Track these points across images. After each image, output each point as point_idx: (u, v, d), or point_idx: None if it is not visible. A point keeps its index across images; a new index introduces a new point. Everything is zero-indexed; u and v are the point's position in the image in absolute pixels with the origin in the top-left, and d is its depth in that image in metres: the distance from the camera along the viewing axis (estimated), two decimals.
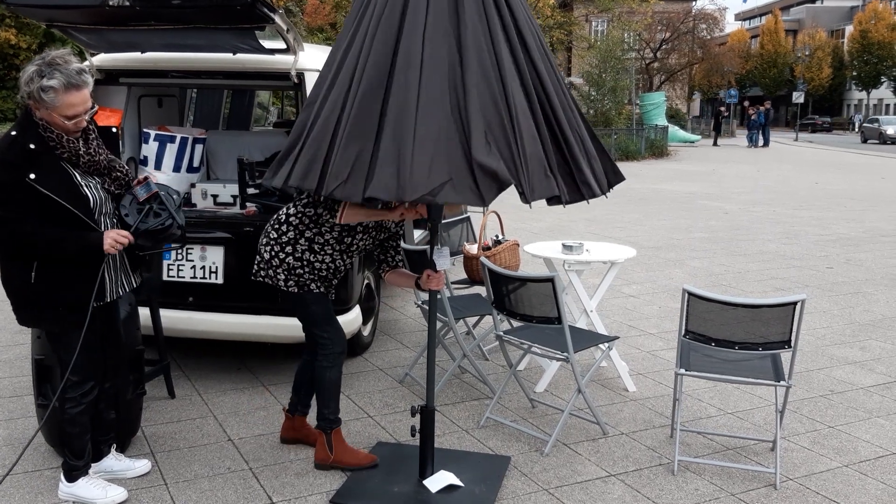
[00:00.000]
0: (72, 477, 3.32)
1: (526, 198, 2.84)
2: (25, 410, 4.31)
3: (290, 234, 3.51)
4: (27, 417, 4.22)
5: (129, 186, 3.24)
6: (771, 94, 57.25)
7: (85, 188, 3.07)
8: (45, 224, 2.96)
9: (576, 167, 3.03)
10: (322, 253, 3.53)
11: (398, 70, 2.87)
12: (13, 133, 2.97)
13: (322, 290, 3.59)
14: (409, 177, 2.72)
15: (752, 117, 35.30)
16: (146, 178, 3.25)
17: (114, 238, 3.06)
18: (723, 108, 38.99)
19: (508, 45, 2.99)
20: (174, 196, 3.30)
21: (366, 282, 5.19)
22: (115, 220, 3.22)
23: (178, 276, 4.59)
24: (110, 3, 4.01)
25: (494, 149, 2.83)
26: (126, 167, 3.31)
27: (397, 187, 2.73)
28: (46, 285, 3.04)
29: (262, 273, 3.57)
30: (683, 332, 3.69)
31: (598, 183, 3.11)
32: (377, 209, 3.36)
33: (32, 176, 2.91)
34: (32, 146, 2.95)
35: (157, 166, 4.86)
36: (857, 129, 51.66)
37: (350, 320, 4.71)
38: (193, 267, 4.57)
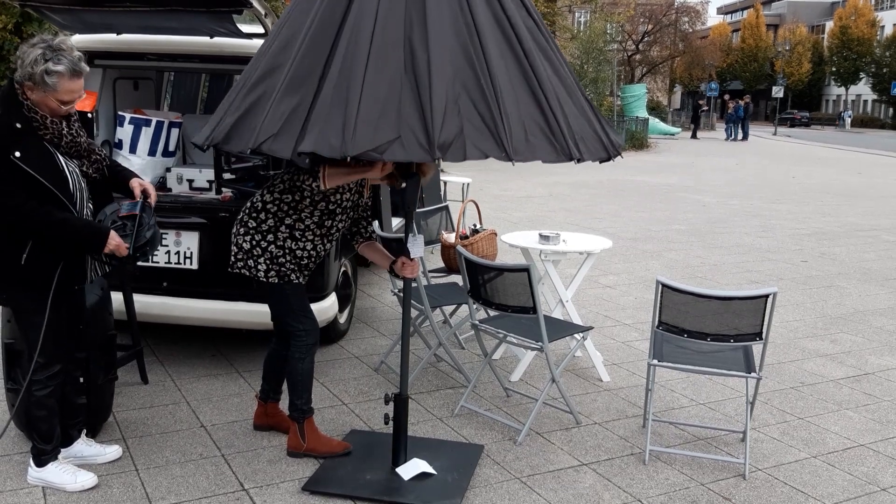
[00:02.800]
0: (41, 462, 3.29)
1: (509, 157, 2.76)
2: None
3: (270, 222, 3.48)
4: None
5: (113, 182, 3.27)
6: (751, 89, 57.59)
7: (64, 166, 3.09)
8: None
9: (559, 130, 2.94)
10: (303, 239, 3.51)
11: (347, 27, 2.81)
12: None
13: (300, 280, 3.58)
14: (353, 133, 2.66)
15: (730, 111, 35.53)
16: (139, 200, 3.26)
17: (116, 245, 3.12)
18: (702, 102, 39.21)
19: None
20: (150, 223, 3.30)
21: (342, 269, 5.17)
22: (90, 205, 3.23)
23: (153, 262, 4.54)
24: None
25: (463, 109, 2.76)
26: (103, 151, 3.31)
27: (341, 143, 2.67)
28: (35, 266, 3.05)
29: (241, 264, 3.53)
30: (657, 323, 3.72)
31: (586, 148, 3.05)
32: (359, 166, 3.33)
33: (17, 154, 2.93)
34: (18, 125, 2.96)
35: (133, 150, 4.80)
36: (846, 127, 52.05)
37: (326, 307, 4.69)
38: (168, 252, 4.53)
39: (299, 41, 2.89)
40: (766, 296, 3.51)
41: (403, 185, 3.44)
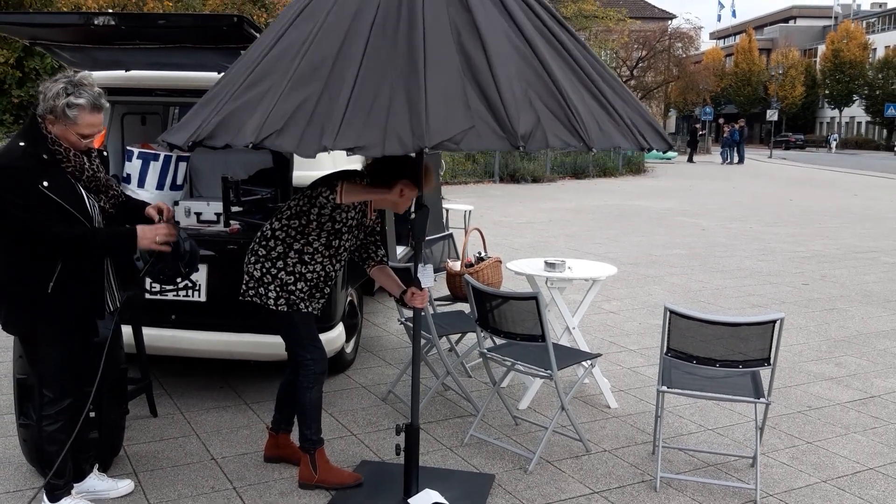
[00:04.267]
0: (54, 497, 3.29)
1: (587, 145, 2.78)
2: (5, 430, 4.26)
3: (280, 249, 3.53)
4: (7, 437, 4.17)
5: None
6: (745, 112, 58.07)
7: (87, 202, 3.16)
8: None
9: (623, 122, 3.00)
10: (313, 262, 3.56)
11: (376, 28, 2.82)
12: (21, 143, 3.04)
13: (310, 310, 3.61)
14: (426, 127, 2.63)
15: (726, 134, 35.79)
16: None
17: (154, 233, 3.17)
18: (698, 126, 39.53)
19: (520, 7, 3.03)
20: (183, 237, 3.38)
21: (349, 298, 5.20)
22: None
23: (161, 294, 4.57)
24: (95, 21, 4.03)
25: (534, 103, 2.79)
26: (119, 188, 3.37)
27: (412, 138, 2.62)
28: (60, 296, 3.10)
29: (252, 292, 3.58)
30: (665, 349, 3.74)
31: (650, 138, 3.10)
32: (375, 188, 3.40)
33: (46, 183, 2.99)
34: (45, 157, 3.03)
35: (141, 184, 4.84)
36: (832, 150, 52.43)
37: (333, 338, 4.71)
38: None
39: (307, 42, 2.88)
40: (774, 321, 3.54)
41: (412, 214, 3.48)
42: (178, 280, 3.53)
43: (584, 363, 4.44)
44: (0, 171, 2.97)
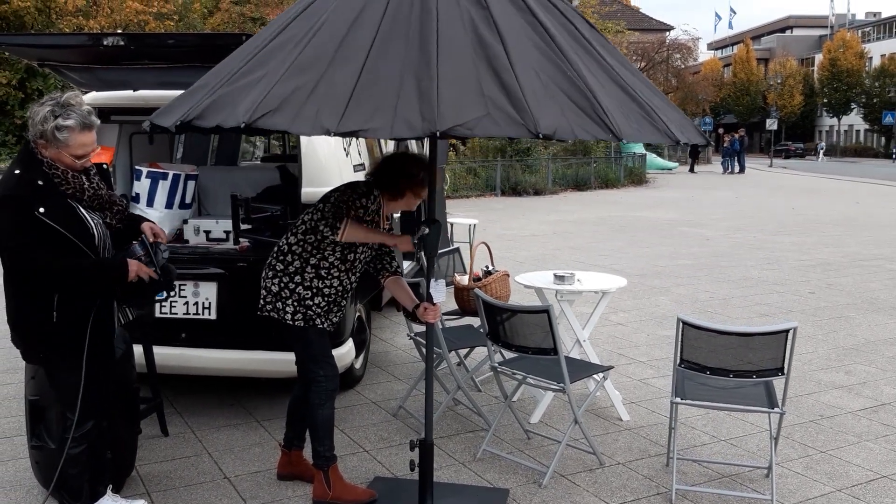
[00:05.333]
0: None
1: (617, 137, 2.67)
2: (16, 452, 4.25)
3: (297, 264, 3.54)
4: (17, 459, 4.16)
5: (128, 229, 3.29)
6: (744, 122, 58.17)
7: (89, 221, 3.13)
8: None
9: (656, 116, 2.89)
10: (330, 277, 3.57)
11: (388, 16, 2.75)
12: (17, 172, 3.01)
13: (325, 326, 3.61)
14: (437, 111, 2.53)
15: (726, 144, 35.86)
16: (142, 237, 3.27)
17: (138, 268, 3.12)
18: None
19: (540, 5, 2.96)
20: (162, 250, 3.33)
21: (357, 314, 5.20)
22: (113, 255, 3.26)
23: (171, 313, 4.57)
24: (104, 42, 4.05)
25: (557, 97, 2.69)
26: (123, 201, 3.35)
27: (422, 121, 2.53)
28: (66, 324, 3.07)
29: (269, 307, 3.58)
30: (678, 361, 3.73)
31: (687, 132, 3.01)
32: (378, 232, 3.48)
33: (42, 210, 2.96)
34: (40, 182, 2.99)
35: (150, 203, 4.86)
36: (819, 158, 52.63)
37: (343, 354, 4.70)
38: (186, 303, 4.56)
39: (310, 31, 2.82)
40: (787, 331, 3.54)
41: (416, 240, 3.49)
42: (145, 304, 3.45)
43: (595, 376, 4.43)
44: None
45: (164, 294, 3.35)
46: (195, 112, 2.73)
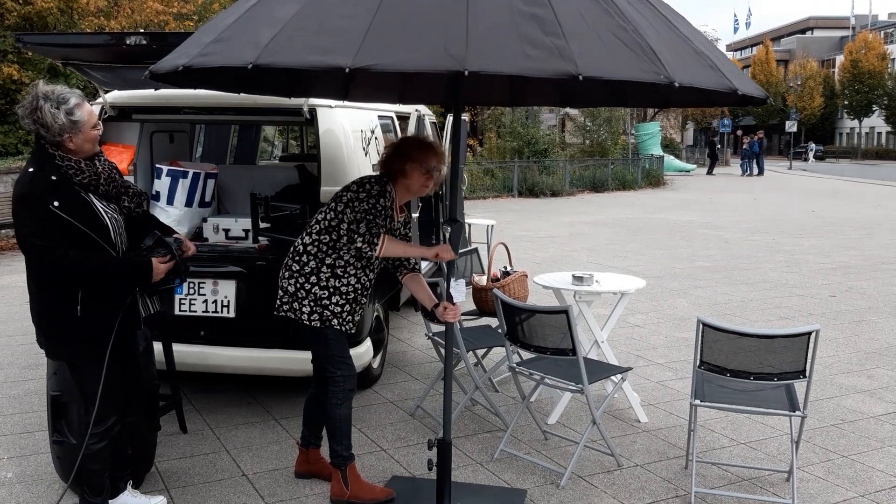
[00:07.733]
0: None
1: (670, 80, 2.47)
2: (37, 447, 4.29)
3: (312, 264, 3.55)
4: (39, 454, 4.20)
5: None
6: (764, 124, 57.70)
7: (103, 214, 3.15)
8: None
9: (713, 64, 2.72)
10: (346, 275, 3.57)
11: None
12: (31, 169, 3.05)
13: (343, 329, 3.61)
14: (467, 46, 2.38)
15: (745, 146, 35.60)
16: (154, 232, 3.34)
17: (165, 268, 3.21)
18: (715, 139, 39.43)
19: None
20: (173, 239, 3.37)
21: (375, 314, 5.20)
22: (128, 245, 3.31)
23: (191, 311, 4.60)
24: (128, 41, 4.08)
25: (604, 36, 2.52)
26: (138, 186, 3.39)
27: (449, 56, 2.37)
28: (92, 317, 3.10)
29: (286, 307, 3.59)
30: (698, 363, 3.71)
31: (747, 84, 2.86)
32: (417, 247, 3.55)
33: (56, 203, 2.99)
34: (53, 178, 3.03)
35: (170, 201, 4.89)
36: (810, 160, 52.38)
37: (361, 353, 4.71)
38: (206, 301, 4.58)
39: None
40: (809, 333, 3.50)
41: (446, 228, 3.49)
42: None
43: (613, 377, 4.41)
44: (14, 201, 3.00)
45: (179, 281, 3.38)
46: (199, 57, 2.62)
